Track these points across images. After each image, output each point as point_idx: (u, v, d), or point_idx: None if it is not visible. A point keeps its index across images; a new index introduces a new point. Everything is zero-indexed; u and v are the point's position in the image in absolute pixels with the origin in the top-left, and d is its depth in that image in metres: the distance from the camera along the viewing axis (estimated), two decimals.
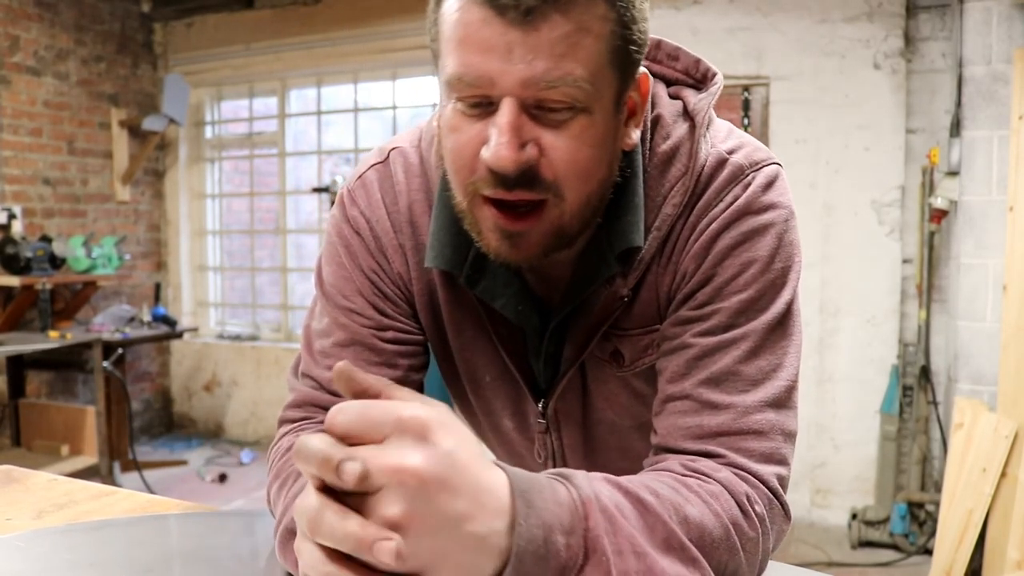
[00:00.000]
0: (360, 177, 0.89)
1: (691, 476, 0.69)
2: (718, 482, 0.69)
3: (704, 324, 0.76)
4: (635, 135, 0.76)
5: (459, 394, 0.98)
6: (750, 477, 0.72)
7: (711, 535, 0.65)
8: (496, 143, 0.67)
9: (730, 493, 0.69)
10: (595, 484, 0.61)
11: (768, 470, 0.73)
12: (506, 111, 0.67)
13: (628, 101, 0.74)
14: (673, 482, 0.67)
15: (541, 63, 0.65)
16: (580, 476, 0.61)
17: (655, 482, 0.66)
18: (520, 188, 0.69)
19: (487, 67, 0.66)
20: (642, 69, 0.75)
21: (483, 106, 0.69)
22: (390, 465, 0.49)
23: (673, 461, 0.73)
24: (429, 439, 0.50)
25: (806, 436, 3.72)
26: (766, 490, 0.72)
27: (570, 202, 0.71)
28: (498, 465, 0.56)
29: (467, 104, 0.69)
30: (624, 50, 0.69)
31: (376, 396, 0.53)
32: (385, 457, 0.49)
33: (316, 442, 0.49)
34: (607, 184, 0.75)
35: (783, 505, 0.74)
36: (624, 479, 0.64)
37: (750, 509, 0.69)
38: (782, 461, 0.74)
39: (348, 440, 0.50)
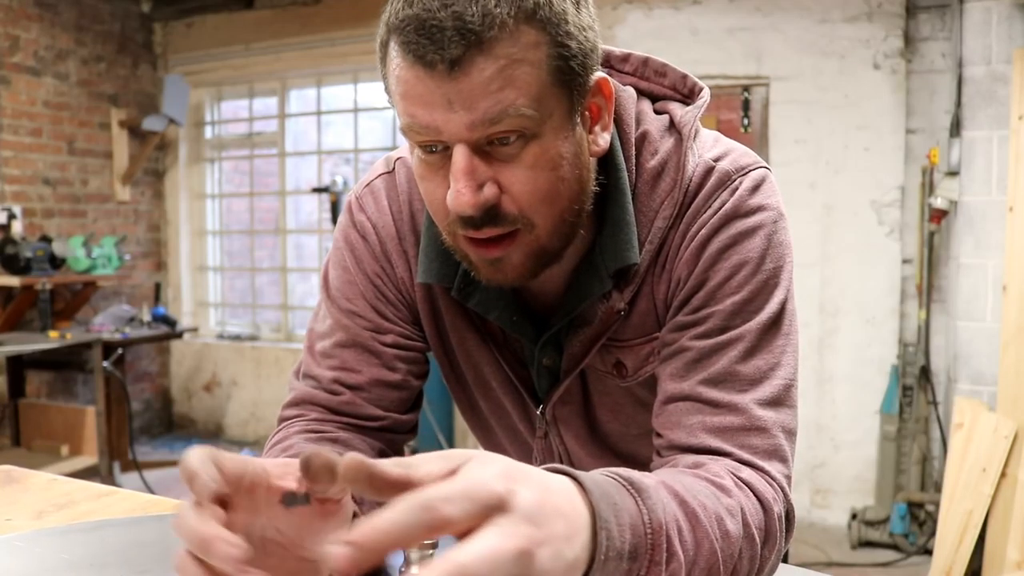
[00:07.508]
0: (368, 185, 0.92)
1: (719, 479, 0.69)
2: (745, 484, 0.70)
3: (700, 328, 0.77)
4: (603, 139, 0.77)
5: (468, 402, 0.99)
6: (768, 479, 0.72)
7: (741, 550, 0.66)
8: (454, 190, 0.69)
9: (758, 499, 0.70)
10: (663, 498, 0.60)
11: (776, 468, 0.74)
12: (458, 158, 0.69)
13: (590, 108, 0.74)
14: (712, 490, 0.67)
15: (481, 104, 0.66)
16: (652, 490, 0.60)
17: (700, 491, 0.66)
18: (487, 226, 0.71)
19: (431, 118, 0.68)
20: (600, 74, 0.74)
21: (440, 151, 0.71)
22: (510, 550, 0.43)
23: (687, 460, 0.73)
24: (513, 500, 0.45)
25: (806, 436, 3.72)
26: (780, 491, 0.73)
27: (542, 226, 0.73)
28: (564, 472, 0.54)
29: (425, 150, 0.72)
30: (566, 67, 0.69)
31: (404, 487, 0.46)
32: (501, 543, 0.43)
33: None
34: (582, 197, 0.75)
35: (790, 506, 0.75)
36: (677, 486, 0.64)
37: (773, 514, 0.71)
38: (785, 459, 0.75)
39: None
